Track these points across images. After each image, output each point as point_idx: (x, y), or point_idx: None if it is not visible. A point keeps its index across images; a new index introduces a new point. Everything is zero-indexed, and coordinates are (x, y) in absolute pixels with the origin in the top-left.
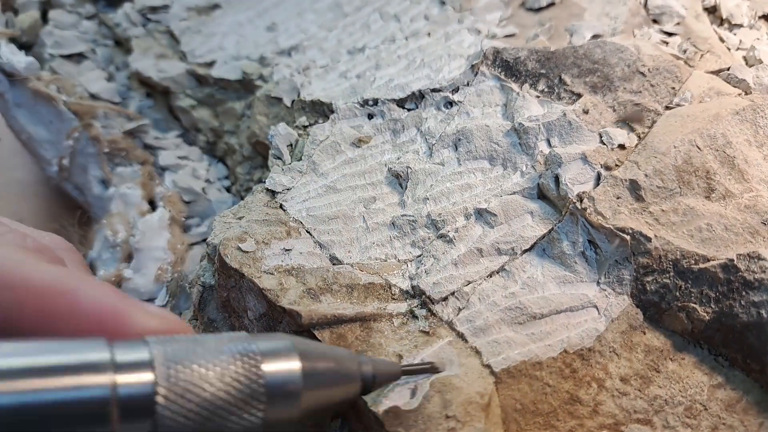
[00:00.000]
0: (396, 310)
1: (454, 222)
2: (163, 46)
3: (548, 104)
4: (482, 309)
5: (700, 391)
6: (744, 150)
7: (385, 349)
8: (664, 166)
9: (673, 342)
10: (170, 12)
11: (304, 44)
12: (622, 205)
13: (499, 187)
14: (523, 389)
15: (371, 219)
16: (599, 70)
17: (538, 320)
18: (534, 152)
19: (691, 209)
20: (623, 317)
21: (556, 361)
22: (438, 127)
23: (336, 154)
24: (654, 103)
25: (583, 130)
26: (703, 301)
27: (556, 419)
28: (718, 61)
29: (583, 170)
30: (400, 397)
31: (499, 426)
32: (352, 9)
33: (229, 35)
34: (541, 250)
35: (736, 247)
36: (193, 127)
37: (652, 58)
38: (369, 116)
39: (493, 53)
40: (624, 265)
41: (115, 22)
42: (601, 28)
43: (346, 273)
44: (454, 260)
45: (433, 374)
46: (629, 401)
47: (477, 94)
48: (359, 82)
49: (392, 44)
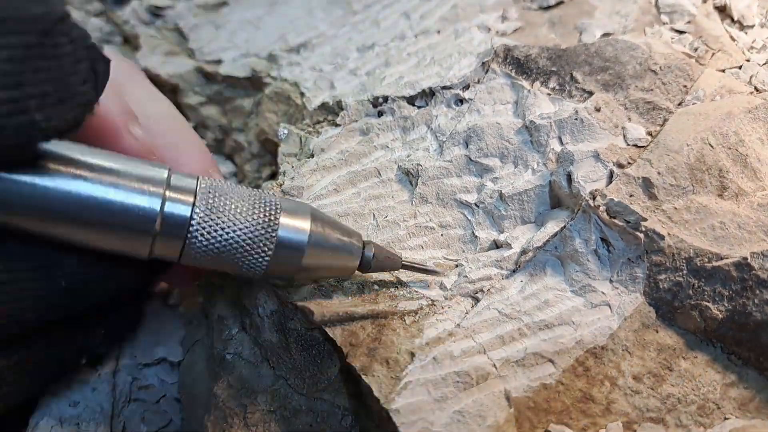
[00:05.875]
0: (407, 308)
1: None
2: (172, 43)
3: (559, 102)
4: (494, 308)
5: (713, 390)
6: (757, 148)
7: (397, 347)
8: (677, 164)
9: (685, 340)
10: (178, 9)
11: (313, 42)
12: (635, 202)
13: (511, 185)
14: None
15: (382, 216)
16: (611, 67)
17: (551, 318)
18: (545, 150)
19: (704, 207)
20: (636, 315)
21: (570, 359)
22: (448, 124)
23: (346, 151)
24: (666, 101)
25: (595, 128)
26: (716, 300)
27: (569, 417)
28: (729, 59)
29: (596, 168)
30: (413, 396)
31: (512, 424)
32: (361, 6)
33: (237, 32)
34: (554, 247)
35: (749, 245)
36: (201, 125)
37: (664, 56)
38: (379, 114)
39: (504, 51)
40: (637, 263)
41: (123, 19)
42: (611, 26)
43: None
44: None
45: (431, 276)
46: (642, 400)
47: (488, 91)
48: (369, 79)
49: (402, 41)
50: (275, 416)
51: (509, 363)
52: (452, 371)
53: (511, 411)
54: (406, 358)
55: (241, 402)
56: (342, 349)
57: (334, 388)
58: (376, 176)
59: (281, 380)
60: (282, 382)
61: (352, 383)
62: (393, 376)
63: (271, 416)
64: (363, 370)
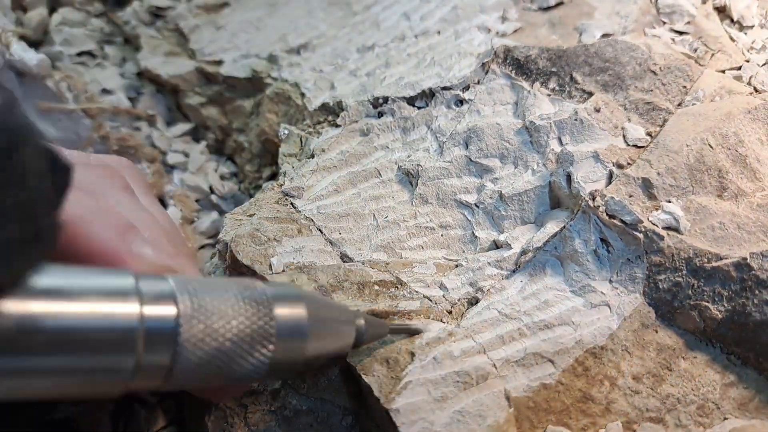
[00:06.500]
0: (407, 308)
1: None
2: (172, 43)
3: (559, 102)
4: (494, 308)
5: (712, 390)
6: (756, 149)
7: (397, 347)
8: (677, 164)
9: (685, 340)
10: (179, 10)
11: (313, 42)
12: (635, 203)
13: (511, 185)
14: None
15: (382, 217)
16: (610, 68)
17: (551, 318)
18: (545, 150)
19: (703, 208)
20: (635, 315)
21: (569, 360)
22: (448, 125)
23: (346, 151)
24: (665, 101)
25: (594, 129)
26: (716, 300)
27: (569, 417)
28: (729, 60)
29: (595, 168)
30: (413, 396)
31: (512, 424)
32: (361, 7)
33: (238, 33)
34: (553, 248)
35: (749, 245)
36: (201, 125)
37: (664, 56)
38: (379, 114)
39: (504, 51)
40: (636, 263)
41: (123, 20)
42: (611, 26)
43: (357, 270)
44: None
45: (415, 335)
46: (642, 399)
47: (488, 92)
48: (369, 80)
49: (402, 42)
50: (275, 416)
51: (509, 363)
52: (452, 371)
53: (511, 411)
54: (406, 358)
55: (241, 402)
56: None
57: (334, 388)
58: (376, 177)
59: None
60: (282, 381)
61: (352, 383)
62: (393, 375)
63: (271, 416)
64: (363, 370)
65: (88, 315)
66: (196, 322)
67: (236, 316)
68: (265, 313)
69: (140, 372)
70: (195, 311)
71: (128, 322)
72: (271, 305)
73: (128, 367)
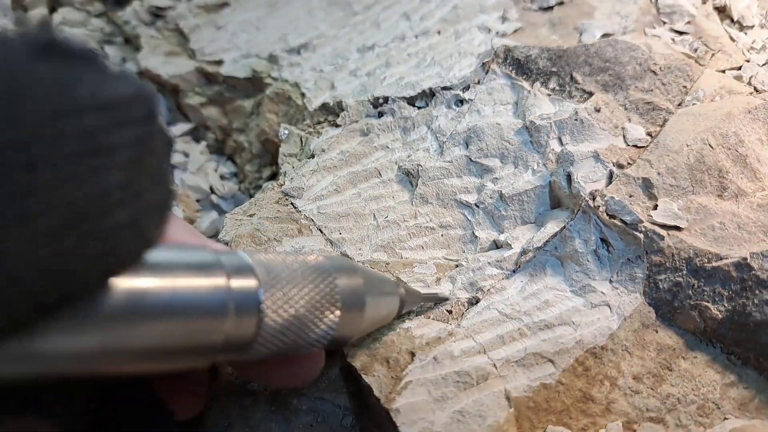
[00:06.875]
0: None
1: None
2: (173, 43)
3: (559, 102)
4: (495, 308)
5: (712, 390)
6: (756, 149)
7: (397, 347)
8: (677, 164)
9: (685, 340)
10: (179, 9)
11: (313, 42)
12: (635, 203)
13: (511, 185)
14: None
15: (382, 216)
16: (611, 68)
17: (551, 318)
18: (545, 150)
19: (703, 207)
20: (636, 315)
21: (570, 359)
22: (449, 125)
23: (346, 151)
24: (666, 101)
25: (594, 129)
26: (716, 300)
27: (569, 417)
28: (729, 60)
29: (596, 168)
30: (413, 396)
31: (512, 424)
32: (361, 7)
33: (238, 33)
34: (554, 248)
35: (749, 245)
36: (201, 125)
37: (664, 56)
38: (379, 114)
39: (504, 51)
40: (636, 263)
41: (124, 20)
42: (611, 26)
43: None
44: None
45: (444, 301)
46: (642, 399)
47: (488, 92)
48: (369, 80)
49: (402, 42)
50: (275, 416)
51: (509, 363)
52: (452, 371)
53: (511, 411)
54: (407, 358)
55: (241, 402)
56: (342, 349)
57: (334, 388)
58: (376, 177)
59: None
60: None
61: (353, 383)
62: (393, 375)
63: (271, 416)
64: (363, 370)
65: (187, 289)
66: (274, 290)
67: (306, 284)
68: (330, 281)
69: (228, 342)
70: (272, 280)
71: (221, 294)
72: (333, 274)
73: (220, 338)
